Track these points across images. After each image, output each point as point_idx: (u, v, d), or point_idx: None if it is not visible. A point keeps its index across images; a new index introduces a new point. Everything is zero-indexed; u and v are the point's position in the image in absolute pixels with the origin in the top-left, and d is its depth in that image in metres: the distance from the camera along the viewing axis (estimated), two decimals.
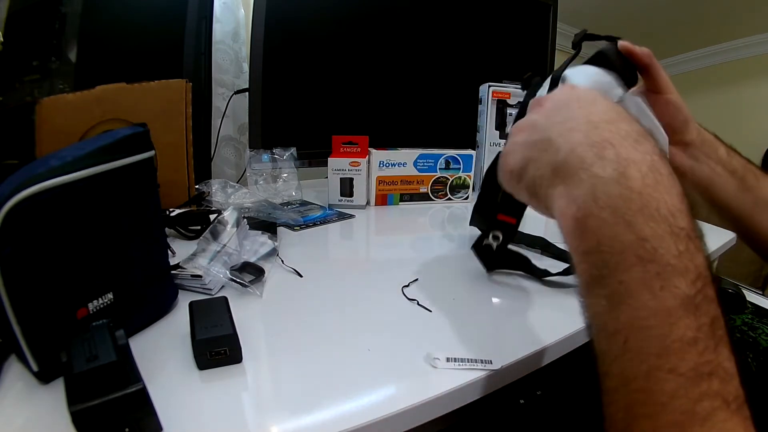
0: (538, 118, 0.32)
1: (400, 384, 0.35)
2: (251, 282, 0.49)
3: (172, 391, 0.33)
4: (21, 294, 0.31)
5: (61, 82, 0.73)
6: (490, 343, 0.41)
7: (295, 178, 0.86)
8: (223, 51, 0.99)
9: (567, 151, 0.28)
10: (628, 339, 0.23)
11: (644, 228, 0.24)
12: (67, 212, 0.33)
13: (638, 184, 0.25)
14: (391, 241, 0.73)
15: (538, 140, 0.31)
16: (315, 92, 0.93)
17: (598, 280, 0.25)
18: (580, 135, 0.28)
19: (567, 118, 0.30)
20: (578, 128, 0.29)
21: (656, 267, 0.23)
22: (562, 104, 0.32)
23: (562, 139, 0.29)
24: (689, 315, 0.22)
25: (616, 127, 0.28)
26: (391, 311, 0.46)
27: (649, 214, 0.24)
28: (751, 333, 0.56)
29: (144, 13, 0.81)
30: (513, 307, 0.50)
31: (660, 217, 0.24)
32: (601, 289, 0.25)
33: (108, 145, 0.36)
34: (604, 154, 0.26)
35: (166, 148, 0.69)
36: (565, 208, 0.28)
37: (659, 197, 0.24)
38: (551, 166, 0.29)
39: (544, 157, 0.30)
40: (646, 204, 0.24)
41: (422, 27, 1.01)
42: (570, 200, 0.27)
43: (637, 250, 0.24)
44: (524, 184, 0.33)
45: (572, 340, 0.44)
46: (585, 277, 0.26)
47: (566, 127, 0.29)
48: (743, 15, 1.84)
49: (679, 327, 0.22)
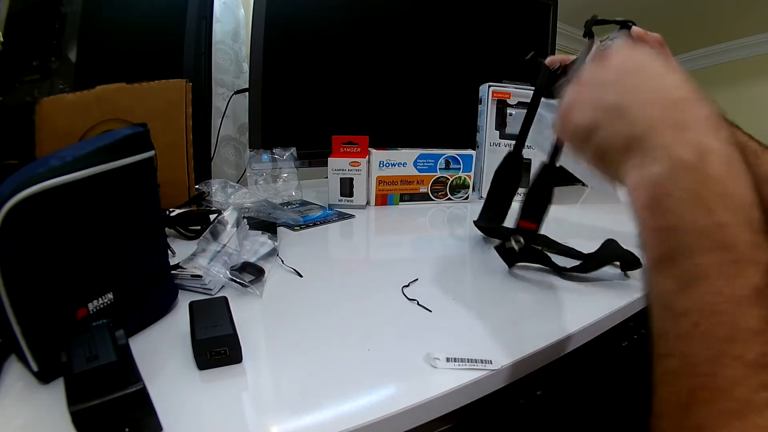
0: (607, 76, 0.31)
1: (400, 384, 0.35)
2: (251, 282, 0.49)
3: (172, 391, 0.33)
4: (21, 294, 0.31)
5: (61, 82, 0.73)
6: (490, 343, 0.41)
7: (295, 178, 0.86)
8: (223, 51, 0.99)
9: (645, 126, 0.28)
10: (699, 322, 0.23)
11: (724, 214, 0.24)
12: (67, 212, 0.33)
13: (717, 171, 0.24)
14: (391, 241, 0.73)
15: (610, 105, 0.30)
16: (315, 92, 0.93)
17: (671, 260, 0.25)
18: (658, 111, 0.27)
19: (641, 86, 0.29)
20: (656, 102, 0.28)
21: (734, 254, 0.23)
22: (635, 67, 0.30)
23: (638, 111, 0.28)
24: (759, 305, 0.22)
25: (695, 109, 0.27)
26: (391, 311, 0.46)
27: (727, 201, 0.24)
28: None
29: (144, 13, 0.81)
30: (513, 307, 0.50)
31: (737, 206, 0.24)
32: (672, 268, 0.25)
33: (108, 145, 0.36)
34: (685, 137, 0.26)
35: (166, 148, 0.69)
36: (639, 183, 0.27)
37: (736, 187, 0.24)
38: (626, 138, 0.28)
39: (618, 126, 0.29)
40: (724, 191, 0.24)
41: (422, 27, 1.01)
42: (646, 176, 0.27)
43: (715, 235, 0.23)
44: (591, 147, 0.32)
45: (572, 339, 0.44)
46: (655, 254, 0.26)
47: (642, 99, 0.29)
48: (743, 15, 1.84)
49: (749, 316, 0.22)
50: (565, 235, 0.68)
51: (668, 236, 0.25)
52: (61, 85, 0.73)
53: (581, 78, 0.33)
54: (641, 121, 0.28)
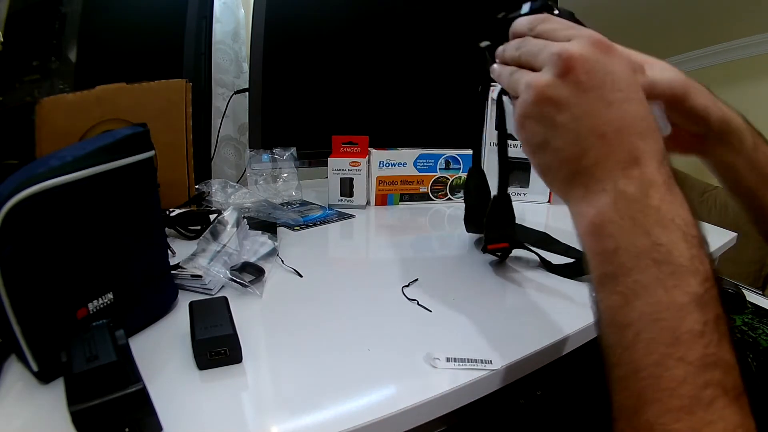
0: (566, 94, 0.29)
1: (400, 384, 0.35)
2: (251, 282, 0.49)
3: (172, 391, 0.33)
4: (21, 294, 0.31)
5: (61, 82, 0.73)
6: (490, 343, 0.41)
7: (295, 178, 0.86)
8: (223, 51, 0.99)
9: (594, 160, 0.29)
10: (640, 331, 0.25)
11: (661, 235, 0.26)
12: (67, 212, 0.33)
13: (657, 202, 0.27)
14: (391, 241, 0.73)
15: (563, 127, 0.30)
16: (315, 92, 0.93)
17: (614, 278, 0.27)
18: (609, 148, 0.28)
19: (598, 113, 0.29)
20: (609, 136, 0.29)
21: (670, 267, 0.25)
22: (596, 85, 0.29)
23: (590, 144, 0.29)
24: (698, 310, 0.24)
25: (647, 145, 0.28)
26: (391, 311, 0.46)
27: (665, 224, 0.26)
28: (751, 333, 0.56)
29: (144, 13, 0.81)
30: (513, 308, 0.50)
31: (674, 226, 0.26)
32: (615, 285, 0.27)
33: (108, 145, 0.36)
34: (633, 173, 0.28)
35: (166, 148, 0.69)
36: (584, 211, 0.29)
37: (673, 212, 0.27)
38: (575, 166, 0.30)
39: (568, 151, 0.30)
40: (662, 217, 0.26)
41: (422, 26, 1.01)
42: (590, 205, 0.29)
43: (652, 254, 0.26)
44: (539, 161, 0.32)
45: (572, 340, 0.44)
46: (599, 273, 0.28)
47: (597, 130, 0.29)
48: (743, 15, 1.84)
49: (689, 320, 0.24)
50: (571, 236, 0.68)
51: (610, 258, 0.27)
52: (61, 85, 0.73)
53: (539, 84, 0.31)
54: (592, 153, 0.29)
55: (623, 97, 0.29)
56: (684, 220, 0.27)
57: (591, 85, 0.29)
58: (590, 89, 0.29)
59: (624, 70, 0.30)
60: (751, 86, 2.06)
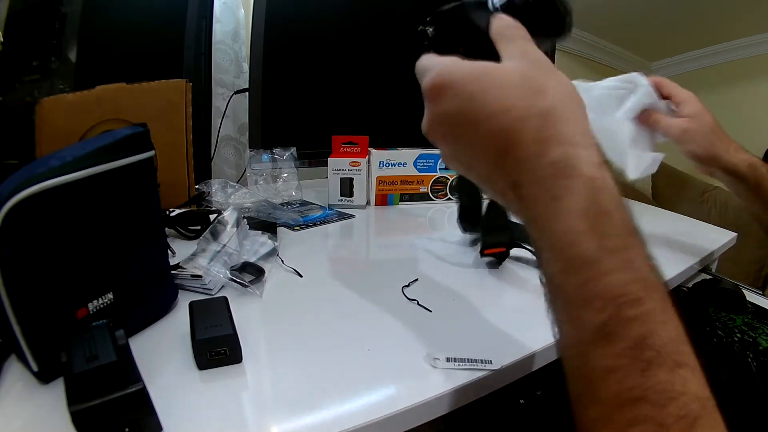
0: (445, 148, 0.34)
1: (400, 384, 0.35)
2: (251, 282, 0.49)
3: (172, 391, 0.33)
4: (21, 294, 0.31)
5: (61, 82, 0.73)
6: (490, 343, 0.41)
7: (295, 178, 0.86)
8: (223, 51, 0.99)
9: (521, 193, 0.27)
10: (565, 364, 0.24)
11: (546, 270, 0.25)
12: (67, 212, 0.33)
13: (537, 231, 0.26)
14: (391, 241, 0.73)
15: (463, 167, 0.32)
16: (315, 92, 0.93)
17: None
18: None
19: (469, 161, 0.30)
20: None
21: (561, 302, 0.24)
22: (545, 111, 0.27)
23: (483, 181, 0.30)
24: (602, 344, 0.22)
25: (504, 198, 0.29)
26: (391, 311, 0.46)
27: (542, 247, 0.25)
28: (751, 333, 0.56)
29: (144, 13, 0.81)
30: (513, 307, 0.50)
31: (555, 250, 0.24)
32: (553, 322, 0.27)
33: (108, 145, 0.36)
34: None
35: (166, 148, 0.69)
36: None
37: (557, 232, 0.24)
38: (505, 187, 0.29)
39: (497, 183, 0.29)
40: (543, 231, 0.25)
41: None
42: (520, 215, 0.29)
43: (547, 287, 0.25)
44: (467, 174, 0.33)
45: None
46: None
47: (480, 176, 0.30)
48: (743, 15, 1.84)
49: (594, 357, 0.22)
50: None
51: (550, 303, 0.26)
52: (61, 85, 0.73)
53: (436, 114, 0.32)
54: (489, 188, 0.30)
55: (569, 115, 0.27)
56: (561, 237, 0.24)
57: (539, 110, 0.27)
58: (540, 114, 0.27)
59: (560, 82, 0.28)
60: (751, 86, 2.06)
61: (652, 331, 0.21)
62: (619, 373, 0.21)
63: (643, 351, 0.21)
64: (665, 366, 0.21)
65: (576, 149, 0.25)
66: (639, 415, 0.20)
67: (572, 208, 0.24)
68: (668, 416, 0.20)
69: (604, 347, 0.21)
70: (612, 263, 0.22)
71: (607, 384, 0.21)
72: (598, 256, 0.23)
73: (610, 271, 0.22)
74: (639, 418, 0.20)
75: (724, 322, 0.58)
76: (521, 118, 0.26)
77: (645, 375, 0.20)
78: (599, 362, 0.22)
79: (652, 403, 0.20)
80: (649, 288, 0.22)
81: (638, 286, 0.22)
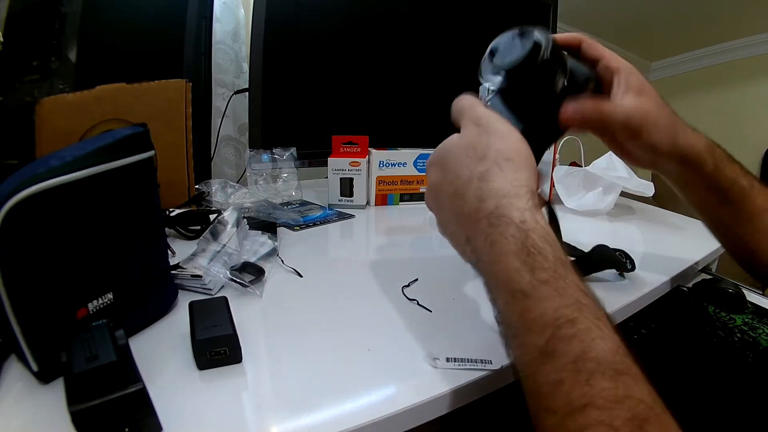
0: (435, 215, 0.38)
1: (400, 384, 0.35)
2: (251, 282, 0.49)
3: (172, 391, 0.33)
4: (21, 294, 0.31)
5: (61, 82, 0.73)
6: (490, 343, 0.41)
7: (295, 178, 0.86)
8: (223, 51, 0.99)
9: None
10: (522, 387, 0.27)
11: (496, 306, 0.30)
12: (67, 212, 0.33)
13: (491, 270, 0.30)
14: (391, 241, 0.73)
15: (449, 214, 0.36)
16: (315, 92, 0.93)
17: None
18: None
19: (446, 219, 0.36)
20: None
21: (510, 331, 0.28)
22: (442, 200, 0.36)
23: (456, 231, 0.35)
24: (546, 362, 0.25)
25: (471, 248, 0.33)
26: (391, 311, 0.46)
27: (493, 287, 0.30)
28: (751, 333, 0.56)
29: (144, 13, 0.81)
30: None
31: (498, 288, 0.29)
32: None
33: (108, 145, 0.36)
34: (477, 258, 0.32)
35: (166, 148, 0.69)
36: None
37: (497, 273, 0.29)
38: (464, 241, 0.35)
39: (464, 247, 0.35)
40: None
41: (422, 26, 1.01)
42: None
43: (498, 321, 0.30)
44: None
45: None
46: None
47: (451, 236, 0.36)
48: (743, 15, 1.84)
49: (541, 373, 0.25)
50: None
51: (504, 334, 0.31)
52: (61, 85, 0.73)
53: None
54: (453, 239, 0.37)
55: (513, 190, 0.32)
56: (506, 275, 0.28)
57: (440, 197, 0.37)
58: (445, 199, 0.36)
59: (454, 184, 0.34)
60: (751, 86, 2.06)
61: (590, 346, 0.24)
62: (565, 385, 0.23)
63: (584, 363, 0.23)
64: (606, 375, 0.23)
65: (507, 200, 0.30)
66: (590, 420, 0.22)
67: (507, 249, 0.28)
68: (616, 418, 0.22)
69: (549, 364, 0.24)
70: (545, 292, 0.26)
71: (556, 396, 0.24)
72: (532, 287, 0.26)
73: (545, 299, 0.26)
74: (590, 422, 0.22)
75: (724, 322, 0.58)
76: (466, 182, 0.32)
77: (589, 384, 0.23)
78: (547, 378, 0.24)
79: (599, 408, 0.22)
80: (583, 309, 0.25)
81: (571, 309, 0.25)
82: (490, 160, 0.32)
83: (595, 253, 0.56)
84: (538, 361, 0.25)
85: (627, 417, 0.22)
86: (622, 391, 0.22)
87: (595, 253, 0.56)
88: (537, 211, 0.29)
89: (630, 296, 0.52)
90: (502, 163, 0.32)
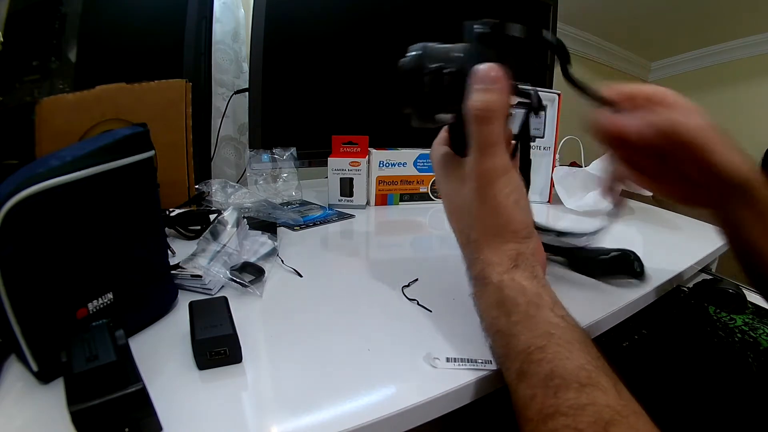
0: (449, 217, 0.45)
1: (400, 384, 0.35)
2: (251, 282, 0.49)
3: (172, 391, 0.33)
4: (21, 294, 0.31)
5: (61, 82, 0.73)
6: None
7: (295, 178, 0.86)
8: (223, 51, 0.99)
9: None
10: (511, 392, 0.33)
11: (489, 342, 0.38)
12: (67, 212, 0.33)
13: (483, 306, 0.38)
14: (391, 241, 0.73)
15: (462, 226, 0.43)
16: (315, 92, 0.93)
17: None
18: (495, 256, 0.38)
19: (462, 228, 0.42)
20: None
21: (498, 359, 0.36)
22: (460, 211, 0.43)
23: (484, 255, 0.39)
24: (522, 381, 0.31)
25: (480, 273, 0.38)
26: (391, 311, 0.46)
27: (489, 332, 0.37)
28: (751, 333, 0.56)
29: (144, 13, 0.81)
30: None
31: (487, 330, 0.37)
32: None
33: (108, 145, 0.36)
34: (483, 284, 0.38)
35: (166, 148, 0.69)
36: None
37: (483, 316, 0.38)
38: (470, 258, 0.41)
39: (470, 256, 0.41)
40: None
41: (422, 26, 1.01)
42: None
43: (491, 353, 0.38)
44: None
45: None
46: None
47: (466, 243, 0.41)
48: (743, 15, 1.84)
49: (519, 390, 0.31)
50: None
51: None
52: (61, 85, 0.73)
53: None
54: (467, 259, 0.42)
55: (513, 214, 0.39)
56: (490, 322, 0.37)
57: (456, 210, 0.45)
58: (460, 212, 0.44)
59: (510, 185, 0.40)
60: (751, 86, 2.06)
61: (557, 365, 0.29)
62: (537, 398, 0.29)
63: (552, 380, 0.29)
64: (572, 388, 0.28)
65: (490, 266, 0.37)
66: (558, 425, 0.27)
67: (489, 302, 0.36)
68: (581, 422, 0.26)
69: (524, 382, 0.31)
70: (518, 330, 0.33)
71: (531, 407, 0.29)
72: (509, 327, 0.34)
73: (518, 334, 0.33)
74: (558, 427, 0.27)
75: (724, 322, 0.58)
76: (463, 245, 0.42)
77: (557, 396, 0.28)
78: (524, 393, 0.30)
79: (565, 414, 0.27)
80: (550, 337, 0.31)
81: (541, 339, 0.31)
82: (479, 231, 0.39)
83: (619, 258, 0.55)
84: (516, 380, 0.31)
85: (590, 421, 0.26)
86: (586, 400, 0.27)
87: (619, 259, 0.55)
88: (515, 271, 0.36)
89: (630, 296, 0.52)
90: (487, 235, 0.38)
